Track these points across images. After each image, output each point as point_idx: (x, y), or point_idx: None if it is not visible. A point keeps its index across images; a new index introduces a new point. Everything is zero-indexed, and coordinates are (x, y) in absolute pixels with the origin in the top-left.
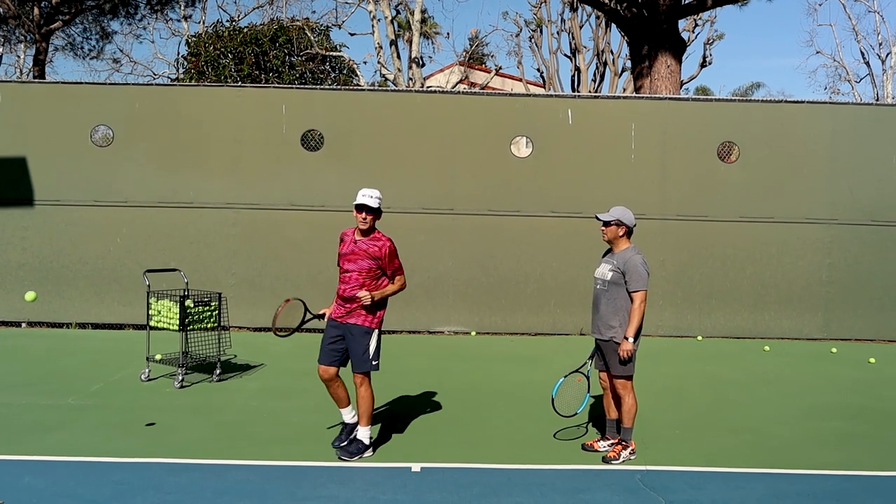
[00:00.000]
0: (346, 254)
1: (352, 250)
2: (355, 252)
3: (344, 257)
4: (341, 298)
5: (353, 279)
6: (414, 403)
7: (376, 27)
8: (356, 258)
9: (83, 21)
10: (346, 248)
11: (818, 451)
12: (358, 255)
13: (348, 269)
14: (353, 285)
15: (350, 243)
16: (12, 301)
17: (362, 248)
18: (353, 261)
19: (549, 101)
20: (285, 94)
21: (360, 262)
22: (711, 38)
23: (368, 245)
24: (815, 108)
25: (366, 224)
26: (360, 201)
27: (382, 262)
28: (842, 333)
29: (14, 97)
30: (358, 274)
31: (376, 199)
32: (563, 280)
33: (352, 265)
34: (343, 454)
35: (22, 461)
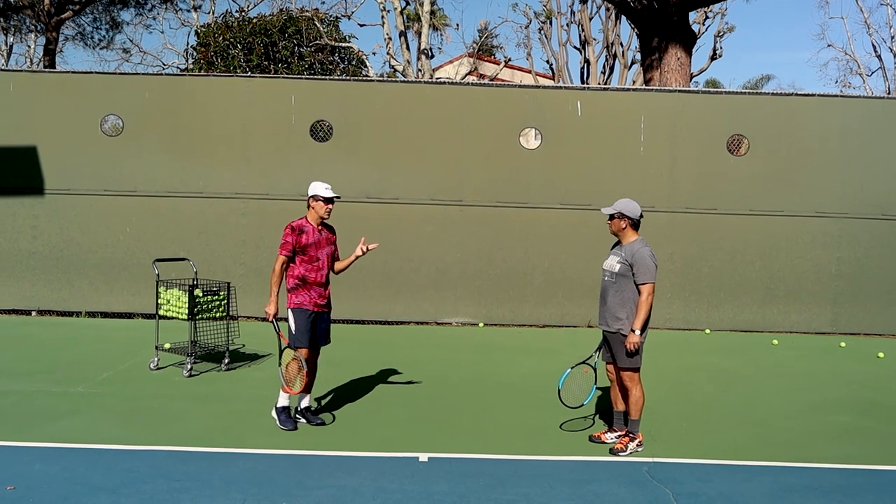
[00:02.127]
0: (313, 243)
1: (317, 239)
2: (321, 241)
3: (312, 246)
4: (318, 285)
5: (325, 265)
6: (421, 394)
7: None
8: (323, 245)
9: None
10: (312, 238)
11: (826, 444)
12: (324, 243)
13: (319, 257)
14: (327, 270)
15: (314, 233)
16: (23, 290)
17: (325, 235)
18: (322, 248)
19: (558, 92)
20: (294, 85)
21: (327, 249)
22: (722, 30)
23: (328, 232)
24: (826, 102)
25: (329, 214)
26: (332, 195)
27: (335, 244)
28: (851, 328)
29: (25, 87)
30: (327, 259)
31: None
32: (571, 272)
33: (322, 252)
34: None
35: (33, 448)
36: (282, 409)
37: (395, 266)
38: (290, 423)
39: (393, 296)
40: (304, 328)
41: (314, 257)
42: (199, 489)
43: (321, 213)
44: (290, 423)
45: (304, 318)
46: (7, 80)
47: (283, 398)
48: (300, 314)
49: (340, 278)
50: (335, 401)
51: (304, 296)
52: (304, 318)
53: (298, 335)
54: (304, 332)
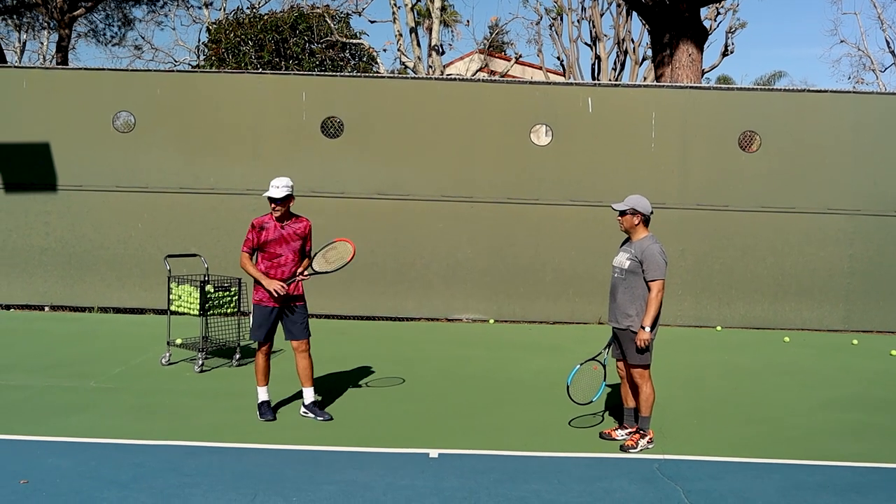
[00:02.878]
0: (274, 239)
1: (280, 235)
2: (284, 236)
3: (272, 243)
4: (279, 279)
5: (290, 260)
6: (432, 390)
7: (396, 15)
8: (286, 241)
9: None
10: (273, 234)
11: (838, 442)
12: (289, 238)
13: (280, 253)
14: (291, 266)
15: (275, 229)
16: (36, 285)
17: (290, 231)
18: (285, 244)
19: (569, 89)
20: (305, 81)
21: (292, 244)
22: (734, 26)
23: (295, 227)
24: (839, 98)
25: (279, 212)
26: (276, 195)
27: (308, 240)
28: (863, 325)
29: (38, 83)
30: (293, 255)
31: (284, 187)
32: (581, 269)
33: (283, 248)
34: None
35: (45, 442)
36: (260, 404)
37: (406, 262)
38: (269, 414)
39: (404, 292)
40: (258, 323)
41: (274, 254)
42: (209, 484)
43: (273, 212)
44: (268, 414)
45: (261, 314)
46: (20, 77)
47: (261, 392)
48: (259, 310)
49: (352, 274)
50: (346, 396)
51: (263, 292)
52: (262, 314)
53: (254, 329)
54: (257, 327)
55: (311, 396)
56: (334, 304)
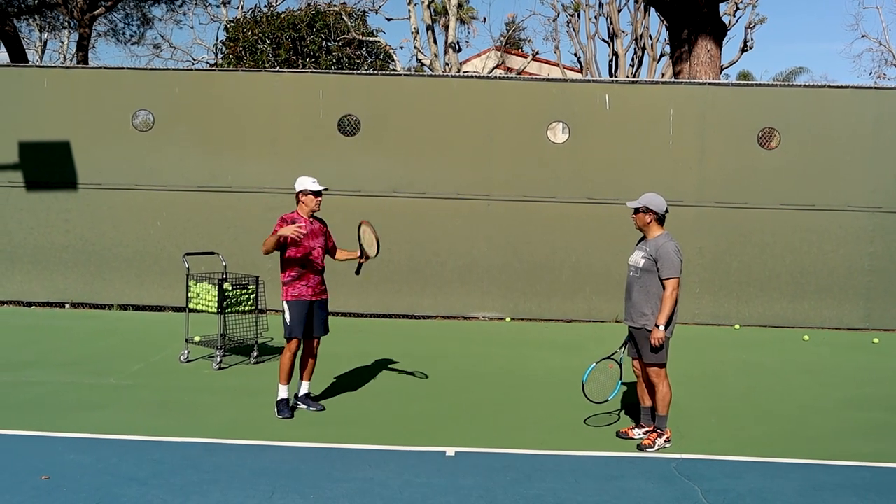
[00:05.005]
0: (307, 234)
1: (311, 230)
2: (314, 231)
3: (305, 237)
4: (315, 273)
5: (319, 255)
6: (448, 388)
7: (413, 12)
8: (315, 235)
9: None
10: (305, 229)
11: (858, 441)
12: (317, 233)
13: (313, 246)
14: (321, 260)
15: (306, 224)
16: (56, 283)
17: (317, 226)
18: (313, 238)
19: (586, 86)
20: (322, 80)
21: (319, 239)
22: (753, 21)
23: (318, 224)
24: (860, 94)
25: (319, 206)
26: (319, 188)
27: (329, 236)
28: (884, 323)
29: (59, 82)
30: (322, 249)
31: (318, 184)
32: (598, 267)
33: (314, 242)
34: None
35: (66, 438)
36: (280, 401)
37: (423, 260)
38: (287, 412)
39: (420, 290)
40: (299, 320)
41: (308, 247)
42: (228, 481)
43: (311, 206)
44: (286, 412)
45: (299, 310)
46: (41, 76)
47: (282, 390)
48: (296, 305)
49: (369, 272)
50: (362, 394)
51: (300, 287)
52: (300, 310)
53: (294, 326)
54: (298, 324)
55: (306, 389)
56: (351, 302)
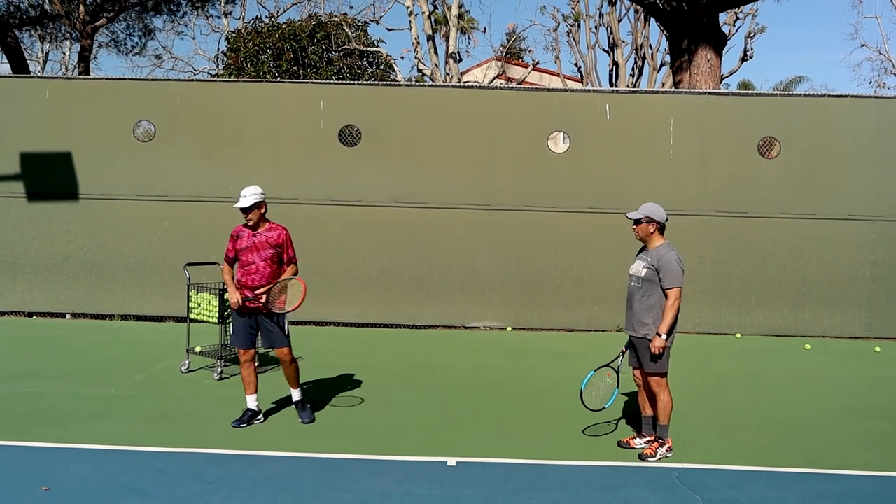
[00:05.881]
0: (246, 247)
1: (252, 243)
2: (257, 244)
3: (244, 251)
4: (249, 289)
5: (261, 268)
6: (449, 398)
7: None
8: (259, 249)
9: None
10: (246, 242)
11: (861, 451)
12: (260, 246)
13: (251, 261)
14: (261, 275)
15: (248, 237)
16: (57, 293)
17: (262, 239)
18: (256, 252)
19: (586, 96)
20: (323, 90)
21: (262, 252)
22: (753, 31)
23: (268, 235)
24: (860, 103)
25: (252, 221)
26: (238, 205)
27: (283, 248)
28: (886, 332)
29: (60, 93)
30: (264, 263)
31: (252, 196)
32: (599, 276)
33: (255, 256)
34: (307, 418)
35: (67, 449)
36: (246, 410)
37: (424, 270)
38: (237, 422)
39: (422, 300)
40: (240, 329)
41: (245, 261)
42: (229, 491)
43: (246, 221)
44: (241, 423)
45: (239, 320)
46: (43, 87)
47: (247, 400)
48: (235, 316)
49: (370, 282)
50: (363, 404)
51: (238, 296)
52: (239, 320)
53: (234, 336)
54: (238, 334)
55: (297, 396)
56: (352, 312)
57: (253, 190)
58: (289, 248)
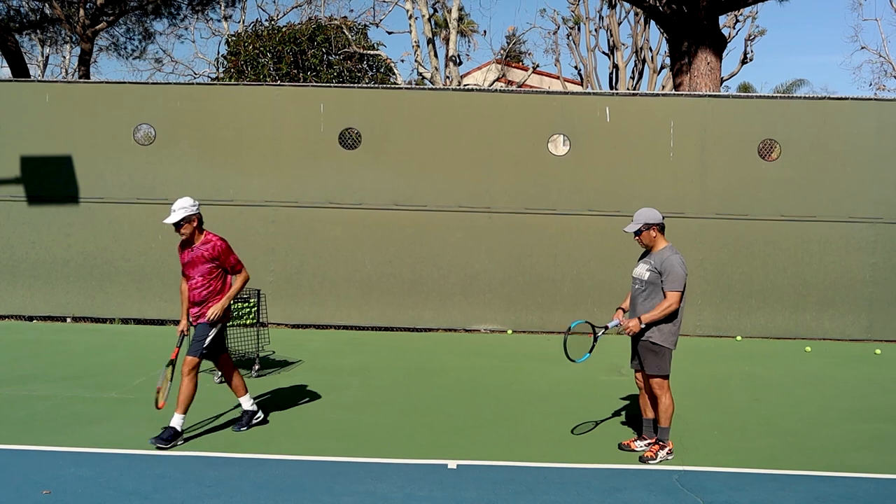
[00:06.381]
0: (188, 262)
1: (191, 258)
2: (193, 259)
3: (186, 266)
4: (192, 303)
5: (200, 283)
6: (450, 401)
7: (413, 25)
8: (196, 264)
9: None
10: (187, 257)
11: (861, 453)
12: (197, 261)
13: (192, 276)
14: (202, 290)
15: (188, 252)
16: (58, 297)
17: (199, 253)
18: (194, 267)
19: (586, 98)
20: (323, 93)
21: (200, 267)
22: (752, 34)
23: (203, 249)
24: (860, 105)
25: (184, 235)
26: (166, 221)
27: (220, 260)
28: (886, 334)
29: (60, 97)
30: (202, 278)
31: (180, 210)
32: (600, 279)
33: (195, 271)
34: (157, 440)
35: (68, 452)
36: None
37: (424, 273)
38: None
39: (422, 303)
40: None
41: (188, 276)
42: (229, 494)
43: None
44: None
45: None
46: (43, 91)
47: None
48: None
49: (370, 285)
50: (364, 407)
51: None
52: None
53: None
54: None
55: (175, 421)
56: (352, 315)
57: (182, 203)
58: (229, 258)
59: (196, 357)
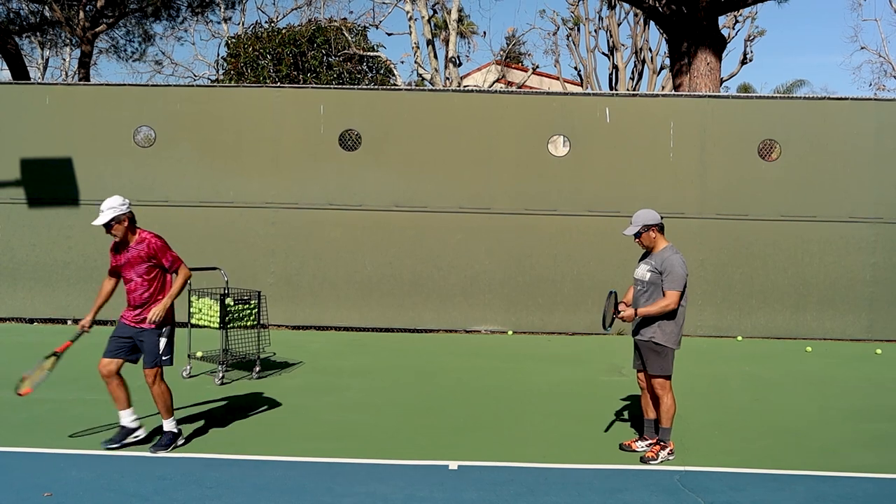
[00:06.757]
0: (123, 264)
1: (127, 259)
2: (130, 260)
3: (122, 268)
4: (132, 307)
5: (138, 285)
6: (451, 402)
7: (413, 27)
8: (133, 265)
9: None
10: (122, 259)
11: (861, 453)
12: (133, 262)
13: (130, 278)
14: (142, 292)
15: (123, 254)
16: (58, 299)
17: (133, 254)
18: (131, 268)
19: (586, 99)
20: (323, 95)
21: (137, 268)
22: (752, 34)
23: (138, 249)
24: (860, 105)
25: (116, 237)
26: (95, 223)
27: (157, 258)
28: (887, 334)
29: (61, 99)
30: (140, 279)
31: (109, 210)
32: (600, 279)
33: (131, 272)
34: (157, 448)
35: (68, 455)
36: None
37: (424, 274)
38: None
39: (422, 304)
40: (112, 335)
41: (126, 279)
42: (230, 496)
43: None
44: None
45: (118, 327)
46: (43, 94)
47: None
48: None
49: (371, 287)
50: (365, 408)
51: (125, 310)
52: (118, 328)
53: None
54: (109, 341)
55: (166, 426)
56: (353, 317)
57: (111, 203)
58: (166, 255)
59: (155, 368)
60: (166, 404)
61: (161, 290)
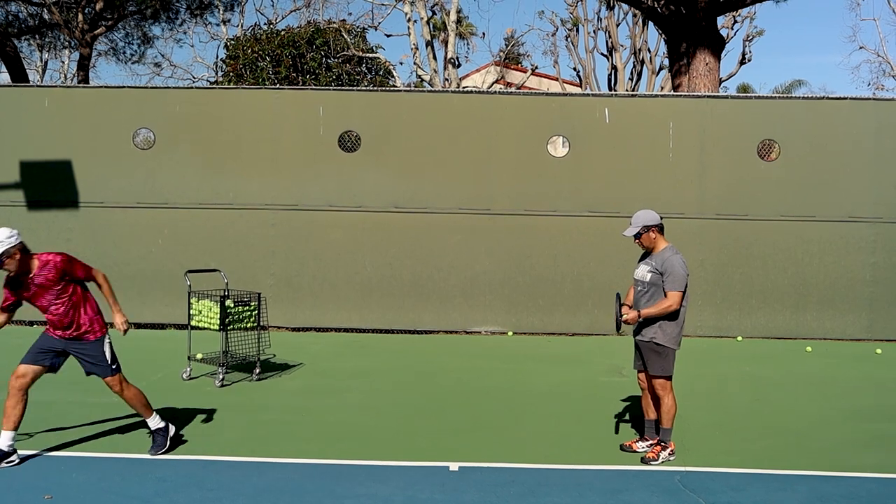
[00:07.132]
0: (32, 295)
1: (34, 290)
2: (38, 289)
3: (32, 300)
4: (62, 328)
5: (58, 308)
6: (451, 403)
7: (412, 28)
8: (44, 292)
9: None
10: (29, 292)
11: (862, 453)
12: (44, 288)
13: (45, 306)
14: (62, 313)
15: (27, 284)
16: None
17: (40, 281)
18: (42, 296)
19: (585, 100)
20: (322, 96)
21: (48, 294)
22: (751, 34)
23: (44, 275)
24: (859, 105)
25: (10, 272)
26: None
27: (69, 273)
28: (887, 334)
29: (60, 102)
30: (59, 300)
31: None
32: (600, 280)
33: (43, 300)
34: (155, 450)
35: (68, 457)
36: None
37: (424, 275)
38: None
39: (422, 305)
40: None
41: (42, 307)
42: (231, 498)
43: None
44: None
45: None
46: (42, 96)
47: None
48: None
49: (370, 288)
50: (365, 410)
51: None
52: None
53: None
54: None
55: (152, 424)
56: (352, 318)
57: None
58: (76, 268)
59: (116, 375)
60: (142, 402)
61: (84, 301)
